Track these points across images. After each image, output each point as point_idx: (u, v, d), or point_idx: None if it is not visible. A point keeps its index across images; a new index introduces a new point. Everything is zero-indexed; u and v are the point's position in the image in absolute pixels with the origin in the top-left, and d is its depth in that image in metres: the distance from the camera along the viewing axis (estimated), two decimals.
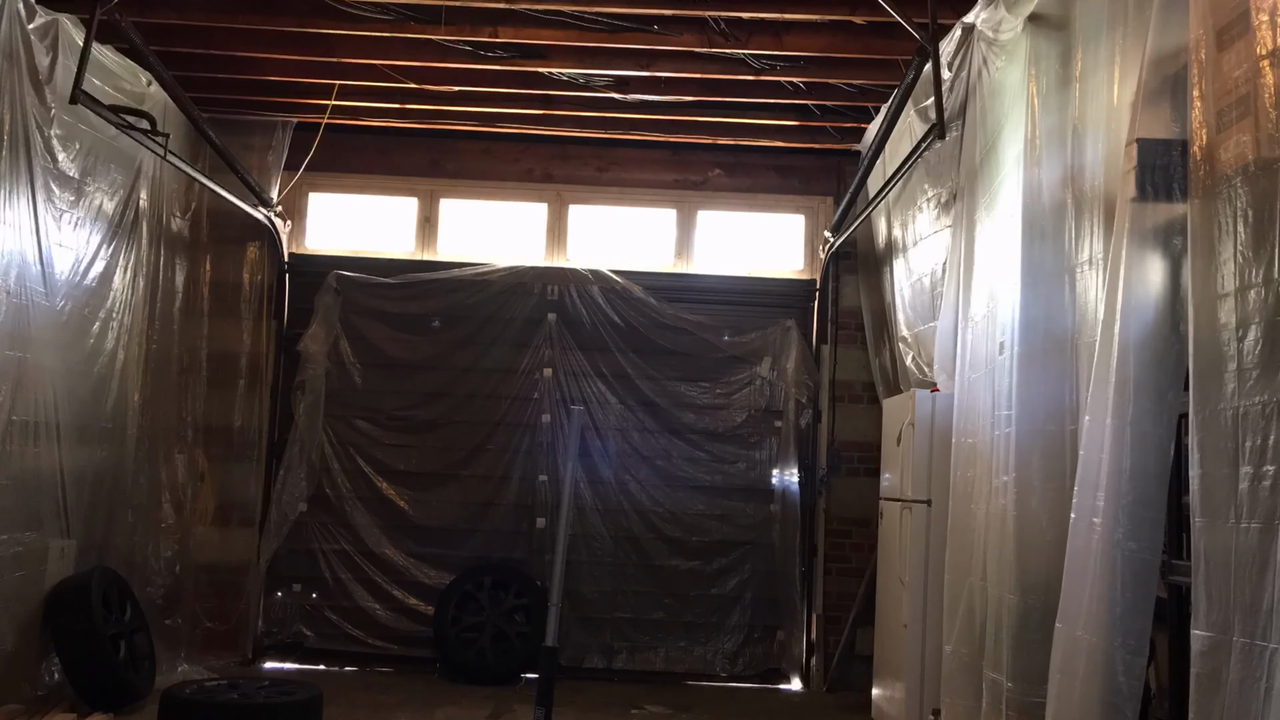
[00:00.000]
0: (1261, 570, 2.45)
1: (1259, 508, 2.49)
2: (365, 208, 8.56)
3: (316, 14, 6.36)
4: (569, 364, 8.07)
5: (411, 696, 7.02)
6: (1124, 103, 3.60)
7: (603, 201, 8.49)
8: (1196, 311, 2.85)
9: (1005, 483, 4.39)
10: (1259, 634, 2.43)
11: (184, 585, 7.62)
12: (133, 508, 7.19)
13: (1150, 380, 3.26)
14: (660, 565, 7.91)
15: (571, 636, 7.73)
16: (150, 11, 6.31)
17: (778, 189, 8.38)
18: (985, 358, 4.90)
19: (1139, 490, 3.25)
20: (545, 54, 6.87)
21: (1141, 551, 3.24)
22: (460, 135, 8.23)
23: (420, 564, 7.93)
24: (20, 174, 5.71)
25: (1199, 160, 2.94)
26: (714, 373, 8.11)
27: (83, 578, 6.24)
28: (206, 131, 7.02)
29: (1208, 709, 2.61)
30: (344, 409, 8.06)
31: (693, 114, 7.66)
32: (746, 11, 6.13)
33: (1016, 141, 4.66)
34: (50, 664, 6.13)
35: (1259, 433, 2.51)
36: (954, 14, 5.55)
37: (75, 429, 6.35)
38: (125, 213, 7.06)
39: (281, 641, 7.91)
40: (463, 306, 8.12)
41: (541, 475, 8.03)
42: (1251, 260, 2.62)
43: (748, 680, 7.81)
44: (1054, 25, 4.44)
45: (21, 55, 5.65)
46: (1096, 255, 3.84)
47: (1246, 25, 2.74)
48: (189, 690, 5.63)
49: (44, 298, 6.03)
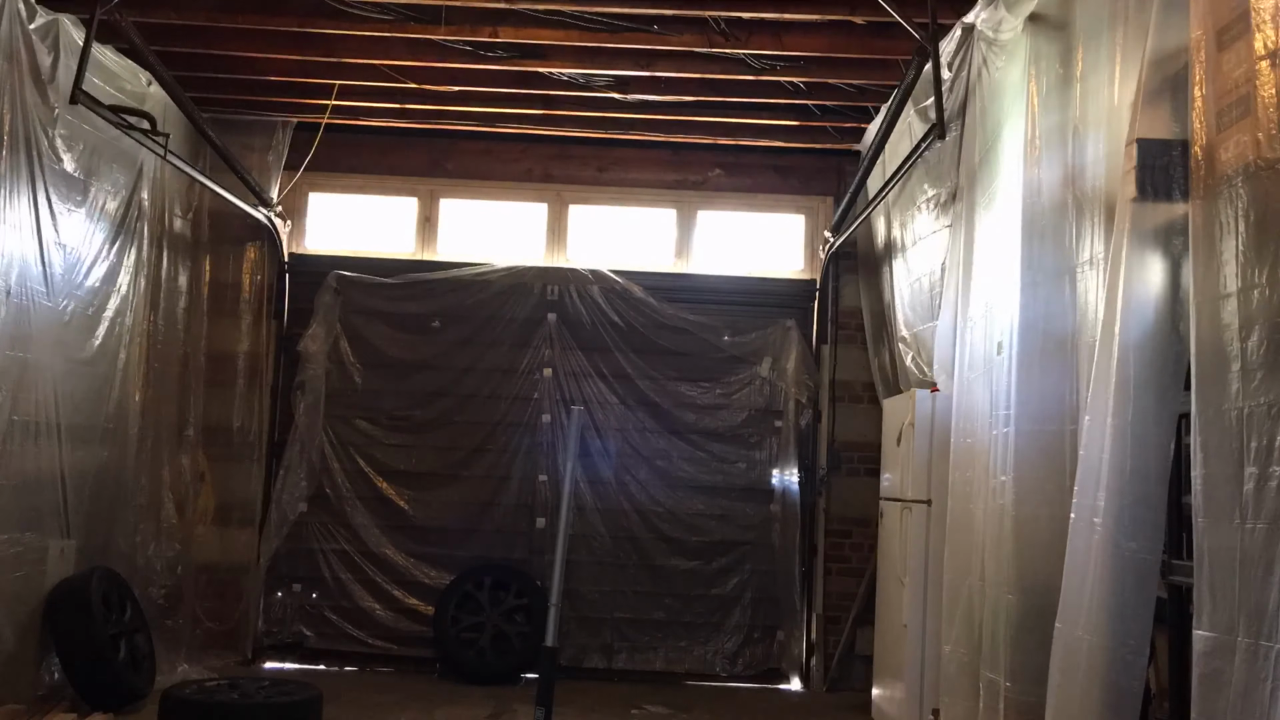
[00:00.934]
0: (1267, 571, 2.45)
1: (1264, 508, 2.49)
2: (365, 208, 8.55)
3: (316, 14, 6.36)
4: (569, 364, 8.07)
5: (411, 696, 7.02)
6: (1124, 102, 3.60)
7: (603, 201, 8.49)
8: (1198, 312, 2.85)
9: (1003, 483, 4.40)
10: (1264, 634, 2.43)
11: (184, 585, 7.61)
12: (133, 508, 7.18)
13: (1151, 380, 3.26)
14: (660, 565, 7.91)
15: (571, 636, 7.74)
16: (150, 11, 6.30)
17: (778, 189, 8.38)
18: (984, 357, 4.90)
19: (1139, 490, 3.25)
20: (545, 54, 6.88)
21: (1141, 552, 3.24)
22: (460, 135, 8.23)
23: (420, 564, 7.93)
24: (22, 174, 5.70)
25: (1199, 160, 2.94)
26: (714, 373, 8.11)
27: (83, 578, 6.23)
28: (206, 131, 7.01)
29: (1211, 709, 2.61)
30: (344, 409, 8.05)
31: (693, 114, 7.66)
32: (746, 11, 6.13)
33: (1016, 141, 4.66)
34: (50, 664, 6.12)
35: (1264, 433, 2.51)
36: (954, 14, 5.56)
37: (76, 429, 6.35)
38: (127, 213, 7.06)
39: (281, 641, 7.91)
40: (463, 306, 8.12)
41: (541, 475, 8.03)
42: (1254, 260, 2.62)
43: (748, 680, 7.81)
44: (1054, 25, 4.44)
45: (23, 55, 5.64)
46: (1096, 255, 3.84)
47: (1246, 25, 2.74)
48: (189, 690, 5.63)
49: (46, 298, 6.03)
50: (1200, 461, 2.77)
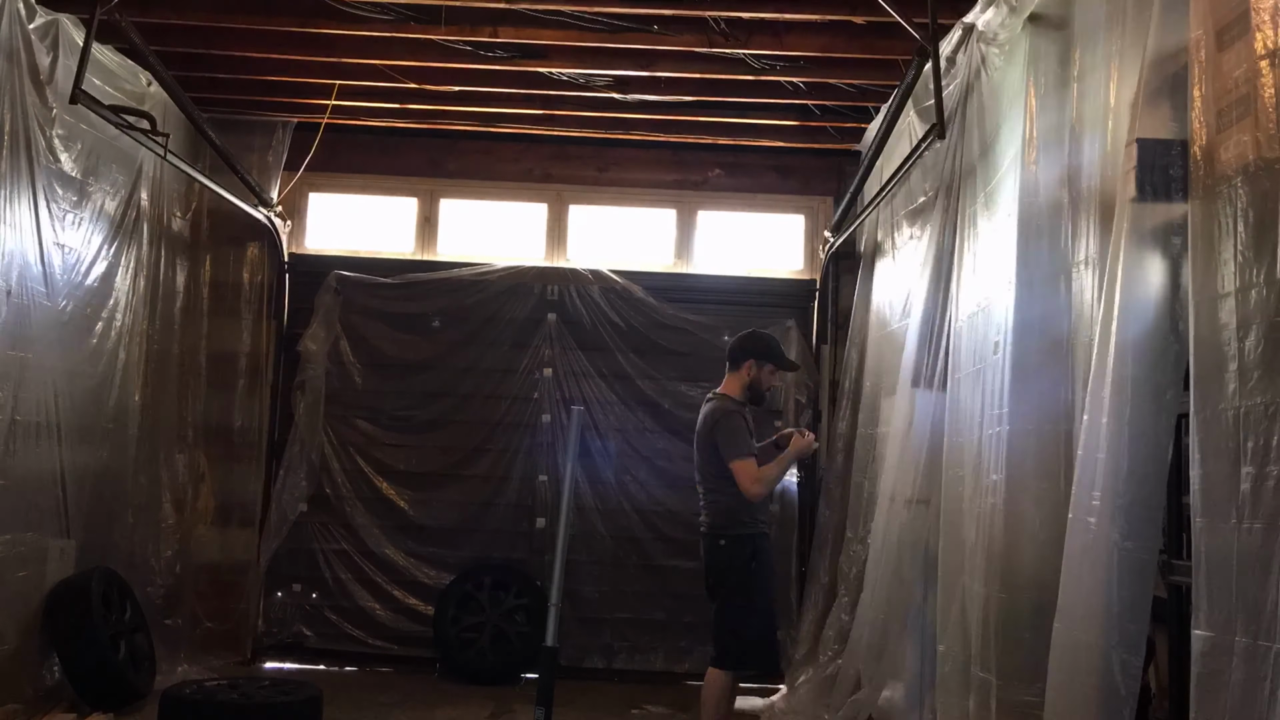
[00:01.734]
0: (1265, 570, 2.45)
1: (1262, 508, 2.48)
2: (365, 208, 8.56)
3: (316, 14, 6.36)
4: (569, 364, 8.08)
5: (411, 696, 7.02)
6: (1123, 102, 3.59)
7: (603, 201, 8.49)
8: (1197, 312, 2.85)
9: (996, 481, 4.40)
10: (1263, 634, 2.43)
11: (184, 585, 7.62)
12: (133, 508, 7.18)
13: (1148, 380, 3.26)
14: (660, 565, 7.91)
15: (571, 636, 7.73)
16: (150, 11, 6.30)
17: (778, 189, 8.39)
18: (977, 357, 4.90)
19: (1137, 490, 3.24)
20: (545, 54, 6.88)
21: (1139, 551, 3.23)
22: (460, 135, 8.23)
23: (420, 564, 7.94)
24: (21, 174, 5.70)
25: (1199, 160, 2.94)
26: (714, 373, 8.06)
27: (83, 578, 6.24)
28: (206, 131, 7.02)
29: (1210, 709, 2.61)
30: (344, 409, 8.06)
31: (693, 114, 7.66)
32: (746, 11, 6.13)
33: (1015, 141, 4.65)
34: (50, 664, 6.12)
35: (1262, 433, 2.51)
36: (954, 14, 5.55)
37: (76, 429, 6.35)
38: (127, 213, 7.06)
39: (281, 641, 7.91)
40: (463, 306, 8.12)
41: (541, 475, 8.04)
42: (1252, 260, 2.62)
43: (747, 680, 7.79)
44: (1054, 25, 4.43)
45: (22, 55, 5.64)
46: (1093, 255, 3.83)
47: (1246, 25, 2.74)
48: (189, 690, 5.63)
49: (46, 298, 6.03)
50: (1198, 461, 2.76)
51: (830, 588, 7.24)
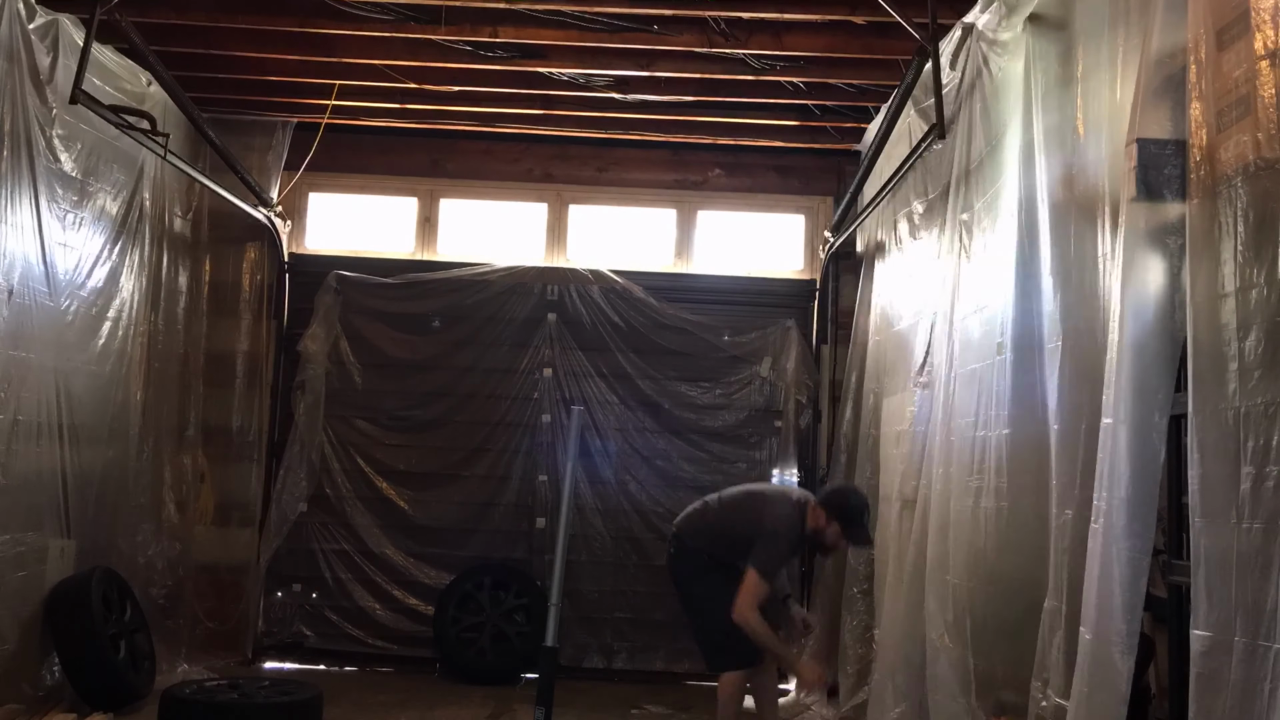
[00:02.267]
0: (1264, 570, 2.45)
1: (1261, 508, 2.49)
2: (365, 208, 8.56)
3: (317, 14, 6.36)
4: (569, 364, 8.08)
5: (411, 696, 7.02)
6: (1124, 102, 3.59)
7: (603, 201, 8.50)
8: (1196, 312, 2.85)
9: (994, 481, 4.41)
10: (1262, 634, 2.43)
11: (184, 585, 7.62)
12: (133, 508, 7.18)
13: (1148, 380, 3.26)
14: (660, 565, 7.88)
15: (571, 636, 7.73)
16: (150, 11, 6.30)
17: (778, 189, 8.39)
18: (975, 356, 4.91)
19: (1135, 490, 3.24)
20: (545, 54, 6.88)
21: (1134, 551, 3.23)
22: (460, 135, 8.23)
23: (420, 564, 7.94)
24: (22, 174, 5.70)
25: (1199, 160, 2.94)
26: (714, 373, 8.11)
27: (83, 578, 6.24)
28: (206, 131, 7.02)
29: (1209, 709, 2.61)
30: (344, 409, 8.06)
31: (693, 114, 7.66)
32: (746, 11, 6.13)
33: (1015, 141, 4.66)
34: (50, 664, 6.12)
35: (1261, 433, 2.51)
36: (954, 14, 5.55)
37: (77, 429, 6.34)
38: (127, 213, 7.06)
39: (281, 641, 7.91)
40: (463, 306, 8.12)
41: (541, 475, 8.04)
42: (1252, 260, 2.62)
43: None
44: (1054, 25, 4.44)
45: (22, 55, 5.64)
46: (1095, 255, 3.84)
47: (1246, 25, 2.74)
48: (189, 690, 5.63)
49: (47, 298, 6.03)
50: (1197, 461, 2.77)
51: (837, 591, 7.23)
